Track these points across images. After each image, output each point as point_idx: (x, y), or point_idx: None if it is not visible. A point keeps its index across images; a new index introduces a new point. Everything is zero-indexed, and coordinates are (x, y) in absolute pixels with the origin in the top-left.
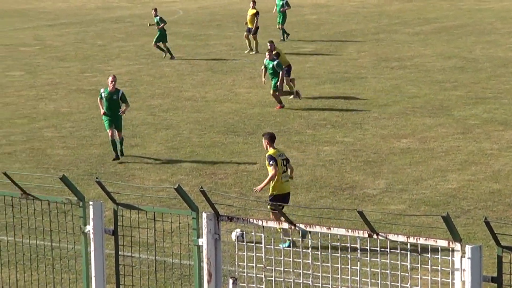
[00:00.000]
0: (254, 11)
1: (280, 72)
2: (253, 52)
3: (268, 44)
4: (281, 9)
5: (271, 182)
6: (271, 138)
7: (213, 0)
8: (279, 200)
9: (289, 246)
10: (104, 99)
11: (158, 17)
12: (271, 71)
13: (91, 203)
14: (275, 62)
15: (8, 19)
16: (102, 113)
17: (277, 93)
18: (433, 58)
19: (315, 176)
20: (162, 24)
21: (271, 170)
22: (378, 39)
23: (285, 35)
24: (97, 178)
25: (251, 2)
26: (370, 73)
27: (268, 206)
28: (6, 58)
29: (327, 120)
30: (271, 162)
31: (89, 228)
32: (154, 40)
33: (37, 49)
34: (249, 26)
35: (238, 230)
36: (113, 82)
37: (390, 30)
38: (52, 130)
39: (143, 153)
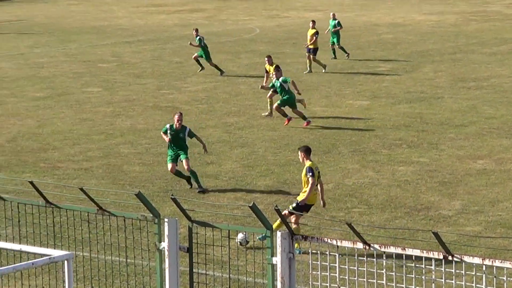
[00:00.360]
0: (314, 30)
1: (290, 82)
2: (307, 71)
3: (266, 59)
4: (333, 29)
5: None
6: (307, 151)
7: (290, 18)
8: (302, 208)
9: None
10: (170, 136)
11: (198, 37)
12: (280, 89)
13: (166, 220)
14: (280, 79)
15: (87, 35)
16: (168, 140)
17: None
18: (510, 78)
19: (390, 196)
20: (202, 45)
21: (310, 180)
22: (455, 59)
23: (346, 53)
24: (172, 195)
25: (311, 22)
26: (446, 93)
27: (290, 207)
28: (84, 74)
29: (403, 140)
30: (310, 173)
31: (164, 245)
32: (206, 59)
33: (114, 65)
34: (310, 46)
35: (240, 234)
36: (179, 121)
37: (467, 50)
38: (129, 146)
39: (218, 170)
